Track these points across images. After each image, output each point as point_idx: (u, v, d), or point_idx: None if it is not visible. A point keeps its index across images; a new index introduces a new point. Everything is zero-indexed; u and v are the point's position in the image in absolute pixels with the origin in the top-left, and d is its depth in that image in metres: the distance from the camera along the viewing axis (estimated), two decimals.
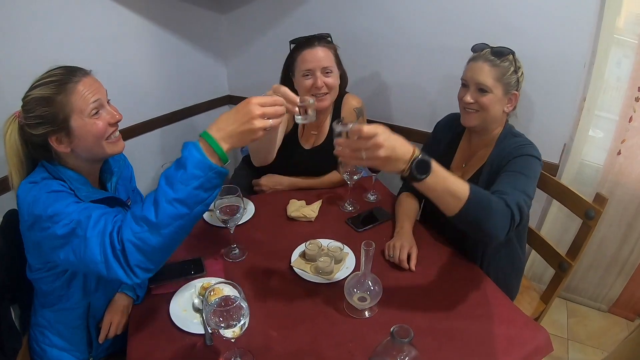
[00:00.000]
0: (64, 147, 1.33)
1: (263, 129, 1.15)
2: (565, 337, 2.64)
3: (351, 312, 1.44)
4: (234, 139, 1.15)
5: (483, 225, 1.32)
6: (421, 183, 1.22)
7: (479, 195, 1.29)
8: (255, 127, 1.14)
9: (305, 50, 1.98)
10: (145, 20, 2.52)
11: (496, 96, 1.65)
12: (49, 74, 1.32)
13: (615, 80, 2.27)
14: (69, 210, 1.22)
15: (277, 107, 1.19)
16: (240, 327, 1.13)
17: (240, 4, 2.92)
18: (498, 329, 1.38)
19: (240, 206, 1.60)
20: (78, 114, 1.30)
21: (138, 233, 1.13)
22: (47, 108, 1.27)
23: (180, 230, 1.16)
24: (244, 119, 1.14)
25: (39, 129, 1.29)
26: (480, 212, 1.30)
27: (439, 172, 1.23)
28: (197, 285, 1.52)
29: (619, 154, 2.35)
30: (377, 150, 1.15)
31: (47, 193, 1.26)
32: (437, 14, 2.31)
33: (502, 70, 1.64)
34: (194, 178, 1.12)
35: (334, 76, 2.02)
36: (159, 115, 2.80)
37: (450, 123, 1.97)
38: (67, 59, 2.10)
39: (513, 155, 1.58)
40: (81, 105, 1.30)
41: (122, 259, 1.14)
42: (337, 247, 1.66)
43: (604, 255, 2.64)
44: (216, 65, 3.16)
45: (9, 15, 1.88)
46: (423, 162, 1.20)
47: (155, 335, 1.37)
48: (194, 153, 1.13)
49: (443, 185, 1.24)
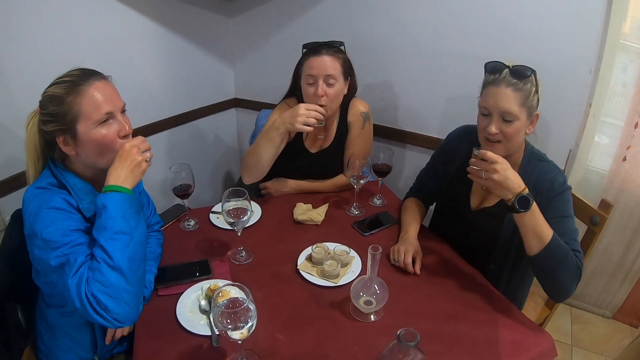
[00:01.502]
0: (69, 149, 1.33)
1: (145, 161, 1.34)
2: (569, 343, 2.64)
3: (357, 315, 1.44)
4: (129, 179, 1.31)
5: (555, 274, 1.44)
6: (518, 216, 1.41)
7: (559, 245, 1.42)
8: (139, 162, 1.32)
9: (312, 57, 1.95)
10: (153, 23, 2.54)
11: (521, 122, 1.51)
12: (67, 73, 1.34)
13: (621, 86, 2.27)
14: (65, 241, 1.24)
15: (146, 143, 1.37)
16: (247, 329, 1.14)
17: (247, 7, 2.94)
18: (502, 333, 1.39)
19: (247, 209, 1.61)
20: (85, 119, 1.29)
21: (101, 281, 1.20)
22: (57, 107, 1.28)
23: (132, 262, 1.26)
24: (126, 162, 1.31)
25: (49, 126, 1.30)
26: (555, 260, 1.42)
27: (535, 212, 1.40)
28: (204, 287, 1.52)
29: (624, 160, 2.36)
30: (493, 174, 1.39)
31: (48, 210, 1.27)
32: (444, 20, 2.32)
33: (525, 93, 1.48)
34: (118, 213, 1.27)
35: (337, 87, 1.97)
36: (166, 118, 2.82)
37: (465, 138, 1.83)
38: (75, 60, 2.11)
39: (554, 194, 1.53)
40: (89, 110, 1.29)
41: (99, 309, 1.20)
42: (344, 251, 1.67)
43: (608, 261, 2.64)
44: (223, 68, 3.17)
45: (17, 17, 1.90)
46: (526, 198, 1.38)
47: (162, 336, 1.37)
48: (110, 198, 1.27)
49: (534, 225, 1.41)
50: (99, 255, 1.22)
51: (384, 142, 2.71)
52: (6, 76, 1.89)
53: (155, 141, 2.77)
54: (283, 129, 1.88)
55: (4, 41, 1.87)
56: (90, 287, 1.19)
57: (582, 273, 1.48)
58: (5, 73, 1.89)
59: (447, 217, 1.93)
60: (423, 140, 2.64)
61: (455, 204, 1.85)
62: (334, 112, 2.12)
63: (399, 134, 2.72)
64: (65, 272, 1.21)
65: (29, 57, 1.95)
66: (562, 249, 1.42)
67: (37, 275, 1.44)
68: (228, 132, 3.44)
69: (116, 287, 1.21)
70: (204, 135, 3.20)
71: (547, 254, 1.41)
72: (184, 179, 1.85)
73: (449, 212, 1.92)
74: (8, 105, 1.88)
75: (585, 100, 2.17)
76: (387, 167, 2.04)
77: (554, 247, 1.41)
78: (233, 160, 3.59)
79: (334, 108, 2.06)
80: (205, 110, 3.11)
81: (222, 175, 3.53)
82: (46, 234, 1.23)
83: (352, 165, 1.92)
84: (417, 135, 2.66)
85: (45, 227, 1.24)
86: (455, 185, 1.85)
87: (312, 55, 1.95)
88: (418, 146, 2.70)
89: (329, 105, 1.97)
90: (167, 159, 2.86)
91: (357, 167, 1.92)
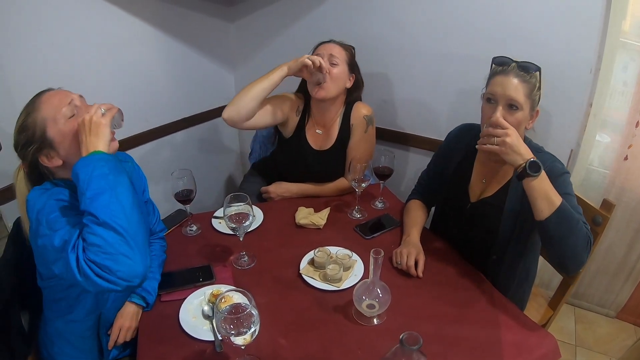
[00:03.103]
0: (55, 160, 1.34)
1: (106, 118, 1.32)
2: (573, 343, 2.63)
3: (360, 319, 1.45)
4: (93, 142, 1.29)
5: (568, 239, 1.43)
6: (529, 180, 1.43)
7: (569, 210, 1.44)
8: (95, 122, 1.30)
9: (320, 45, 2.11)
10: (154, 28, 2.54)
11: (524, 114, 1.56)
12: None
13: (622, 84, 2.27)
14: (70, 222, 1.25)
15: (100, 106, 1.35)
16: (250, 334, 1.15)
17: (248, 12, 2.94)
18: (506, 335, 1.39)
19: (249, 214, 1.62)
20: (51, 122, 1.31)
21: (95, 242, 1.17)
22: (25, 132, 1.31)
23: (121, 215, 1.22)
24: (84, 128, 1.29)
25: (28, 155, 1.33)
26: (566, 224, 1.43)
27: (545, 178, 1.44)
28: (207, 293, 1.53)
29: (625, 159, 2.35)
30: (506, 137, 1.45)
31: (56, 200, 1.29)
32: (445, 21, 2.32)
33: (530, 86, 1.55)
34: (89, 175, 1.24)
35: (339, 69, 2.05)
36: (167, 123, 2.82)
37: (463, 134, 1.89)
38: (76, 65, 2.15)
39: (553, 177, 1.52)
40: (52, 113, 1.31)
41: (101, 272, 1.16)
42: (346, 255, 1.67)
43: (611, 261, 2.64)
44: (224, 73, 3.17)
45: (18, 23, 1.90)
46: (536, 163, 1.43)
47: (165, 342, 1.38)
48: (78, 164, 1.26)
49: (544, 190, 1.43)
50: (86, 220, 1.19)
51: (385, 145, 2.71)
52: (7, 82, 1.89)
53: (157, 146, 2.78)
54: (285, 68, 2.01)
55: (4, 47, 1.88)
56: (86, 254, 1.16)
57: (592, 244, 1.49)
58: (6, 79, 1.90)
59: (448, 214, 1.94)
60: (425, 143, 2.64)
61: (455, 199, 1.86)
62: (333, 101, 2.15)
63: (400, 137, 2.72)
64: (66, 251, 1.18)
65: (29, 63, 1.96)
66: (572, 214, 1.44)
67: (41, 279, 1.44)
68: (229, 136, 3.44)
69: (110, 243, 1.16)
70: (205, 140, 3.20)
71: (558, 216, 1.41)
72: (186, 185, 1.85)
73: (449, 209, 1.93)
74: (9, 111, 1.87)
75: (586, 99, 2.17)
76: (388, 170, 2.05)
77: (564, 211, 1.42)
78: (234, 164, 3.59)
79: (332, 92, 2.09)
80: (206, 115, 3.11)
81: (224, 180, 3.53)
82: (53, 217, 1.24)
83: (354, 169, 1.93)
84: (419, 138, 2.66)
85: (52, 211, 1.26)
86: (454, 180, 1.87)
87: (321, 44, 2.10)
88: (420, 148, 2.70)
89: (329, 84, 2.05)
90: (169, 164, 2.86)
91: (358, 171, 1.92)
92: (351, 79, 2.14)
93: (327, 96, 2.07)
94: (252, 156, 2.77)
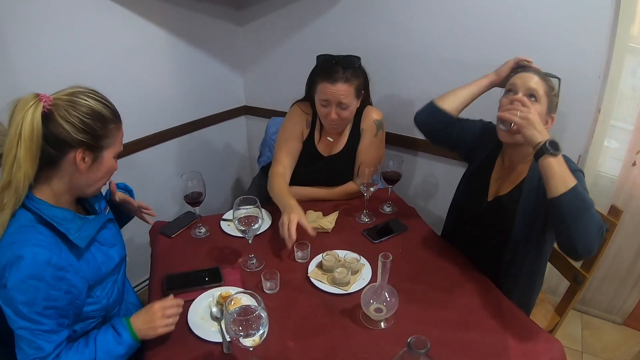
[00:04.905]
0: (83, 165, 1.27)
1: (165, 329, 1.35)
2: (579, 350, 2.62)
3: (367, 322, 1.45)
4: (142, 333, 1.33)
5: (581, 218, 1.40)
6: (548, 158, 1.42)
7: (584, 192, 1.43)
8: (158, 331, 1.34)
9: (326, 83, 1.96)
10: (164, 31, 2.57)
11: (542, 109, 1.62)
12: (98, 96, 1.30)
13: (631, 90, 2.26)
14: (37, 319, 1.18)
15: (178, 308, 1.40)
16: (259, 336, 1.16)
17: (257, 16, 2.97)
18: (512, 341, 1.39)
19: (258, 217, 1.63)
20: (112, 150, 1.35)
21: None
22: (100, 125, 1.27)
23: None
24: (148, 322, 1.34)
25: (79, 135, 1.23)
26: (579, 204, 1.40)
27: (562, 159, 1.44)
28: (215, 294, 1.54)
29: (634, 165, 2.35)
30: (529, 113, 1.48)
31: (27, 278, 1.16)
32: (452, 28, 2.33)
33: (549, 86, 1.63)
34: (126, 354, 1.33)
35: (349, 109, 2.03)
36: (177, 125, 2.85)
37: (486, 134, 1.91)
38: (87, 68, 2.17)
39: None
40: (117, 145, 1.36)
41: None
42: (354, 259, 1.68)
43: (619, 267, 2.63)
44: (233, 76, 3.20)
45: (29, 27, 1.93)
46: (556, 142, 1.44)
47: (173, 343, 1.39)
48: (128, 338, 1.32)
49: (561, 169, 1.42)
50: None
51: (393, 150, 2.72)
52: (18, 85, 1.91)
53: (166, 149, 2.81)
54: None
55: (17, 51, 1.91)
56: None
57: (604, 233, 1.47)
58: (18, 82, 1.93)
59: (463, 214, 1.96)
60: (433, 148, 2.64)
61: (473, 197, 1.88)
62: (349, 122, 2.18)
63: (409, 142, 2.73)
64: (25, 351, 1.19)
65: (41, 66, 1.99)
66: (587, 197, 1.43)
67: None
68: (238, 140, 3.47)
69: None
70: (214, 143, 3.23)
71: (572, 195, 1.39)
72: (196, 187, 1.86)
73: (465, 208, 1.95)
74: None
75: (595, 105, 2.17)
76: (396, 175, 2.06)
77: (579, 192, 1.40)
78: (243, 168, 3.61)
79: (347, 125, 2.16)
80: (215, 118, 3.14)
81: (232, 183, 3.55)
82: (20, 305, 1.15)
83: (362, 173, 1.94)
84: (427, 143, 2.64)
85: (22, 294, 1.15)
86: (474, 178, 1.90)
87: (326, 81, 1.96)
88: (428, 153, 2.70)
89: (342, 125, 2.12)
90: (178, 167, 2.89)
91: (367, 175, 1.93)
92: (359, 101, 2.11)
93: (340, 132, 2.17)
94: (261, 159, 2.78)
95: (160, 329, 1.33)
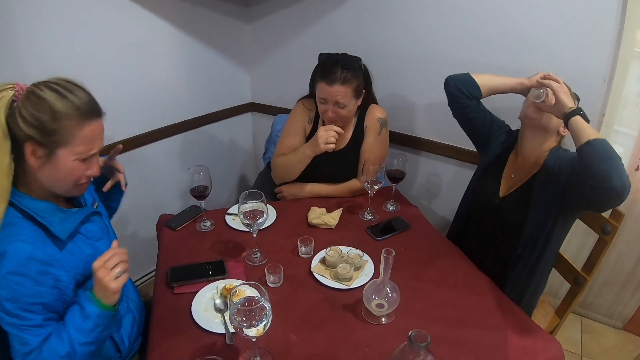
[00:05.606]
0: (38, 162, 1.21)
1: (117, 282, 1.23)
2: (579, 353, 2.63)
3: (369, 318, 1.47)
4: (103, 298, 1.24)
5: (613, 160, 1.42)
6: (578, 120, 1.53)
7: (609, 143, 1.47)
8: (111, 287, 1.21)
9: (324, 83, 2.00)
10: (172, 27, 2.59)
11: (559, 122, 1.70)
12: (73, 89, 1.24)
13: (635, 95, 2.26)
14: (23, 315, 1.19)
15: (118, 255, 1.24)
16: (263, 326, 1.17)
17: (264, 13, 2.99)
18: (512, 339, 1.40)
19: (263, 211, 1.64)
20: (70, 149, 1.22)
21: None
22: (50, 121, 1.17)
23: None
24: (100, 285, 1.21)
25: (28, 129, 1.17)
26: (610, 149, 1.44)
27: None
28: (219, 287, 1.56)
29: (637, 170, 2.35)
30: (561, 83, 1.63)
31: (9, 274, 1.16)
32: (457, 29, 2.33)
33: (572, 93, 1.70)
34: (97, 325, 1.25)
35: (348, 108, 2.06)
36: (183, 120, 2.87)
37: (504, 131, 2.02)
38: (95, 62, 2.19)
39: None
40: (78, 146, 1.23)
41: None
42: (357, 255, 1.70)
43: (620, 272, 2.63)
44: (240, 73, 3.22)
45: (39, 21, 1.95)
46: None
47: (177, 334, 1.40)
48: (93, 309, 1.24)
49: (590, 127, 1.52)
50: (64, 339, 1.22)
51: (397, 149, 2.73)
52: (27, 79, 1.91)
53: (172, 143, 2.83)
54: (311, 153, 2.07)
55: (25, 45, 1.93)
56: None
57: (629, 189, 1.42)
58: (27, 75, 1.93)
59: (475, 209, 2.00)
60: (437, 147, 2.65)
61: (486, 194, 1.92)
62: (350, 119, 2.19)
63: (413, 141, 2.74)
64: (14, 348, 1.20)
65: (49, 61, 2.01)
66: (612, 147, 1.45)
67: None
68: (244, 136, 3.49)
69: None
70: (220, 138, 3.24)
71: (604, 142, 1.45)
72: (202, 181, 1.88)
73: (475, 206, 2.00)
74: None
75: (599, 110, 2.18)
76: (400, 174, 2.07)
77: (608, 143, 1.45)
78: (248, 164, 3.63)
79: (346, 122, 2.18)
80: (221, 114, 3.16)
81: (237, 178, 3.57)
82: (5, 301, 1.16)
83: (367, 171, 1.95)
84: (431, 142, 2.67)
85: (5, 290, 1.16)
86: (487, 174, 1.96)
87: (324, 81, 2.00)
88: (432, 153, 2.71)
89: (340, 121, 2.12)
90: (184, 162, 2.91)
91: (371, 173, 1.95)
92: (359, 100, 2.13)
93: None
94: (266, 156, 2.80)
95: (113, 284, 1.21)
